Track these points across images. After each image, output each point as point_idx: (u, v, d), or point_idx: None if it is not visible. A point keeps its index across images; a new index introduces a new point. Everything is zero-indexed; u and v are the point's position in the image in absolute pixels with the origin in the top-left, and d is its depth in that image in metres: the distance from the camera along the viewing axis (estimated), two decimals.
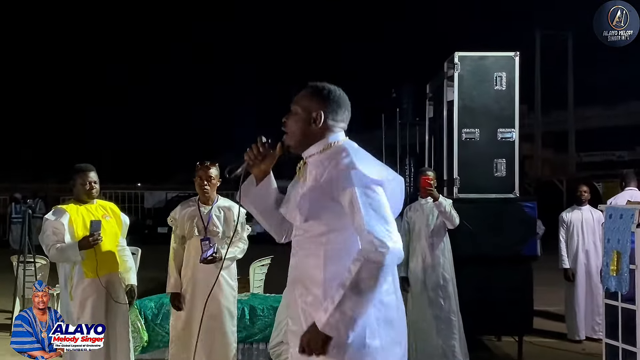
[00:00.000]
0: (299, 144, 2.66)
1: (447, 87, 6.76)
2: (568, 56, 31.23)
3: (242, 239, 5.01)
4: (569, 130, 32.85)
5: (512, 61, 6.42)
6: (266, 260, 7.16)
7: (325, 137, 2.63)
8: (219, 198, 5.02)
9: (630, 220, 5.07)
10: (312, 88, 2.69)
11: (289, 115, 2.67)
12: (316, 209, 2.52)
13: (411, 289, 5.90)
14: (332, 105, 2.64)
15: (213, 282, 4.25)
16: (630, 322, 5.03)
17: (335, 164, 2.51)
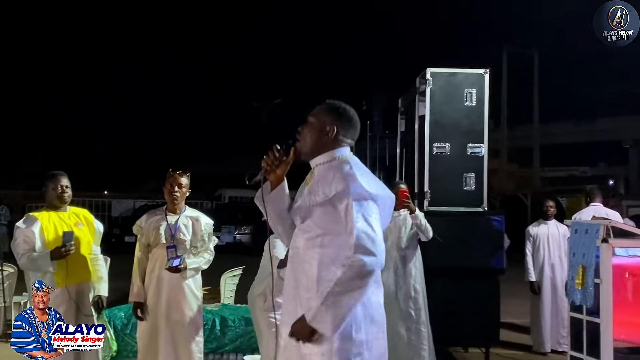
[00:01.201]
0: (309, 151, 2.92)
1: (419, 102, 6.87)
2: (534, 73, 31.83)
3: (208, 250, 4.99)
4: (533, 145, 33.39)
5: (482, 78, 6.56)
6: (237, 270, 7.16)
7: (333, 150, 2.90)
8: (186, 208, 5.01)
9: (595, 235, 5.21)
10: (329, 104, 2.97)
11: (305, 125, 2.94)
12: (313, 211, 2.78)
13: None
14: (344, 122, 2.93)
15: (177, 291, 4.25)
16: (595, 335, 5.16)
17: (337, 174, 2.78)
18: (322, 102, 3.00)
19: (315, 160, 2.92)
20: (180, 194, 4.91)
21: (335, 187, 2.72)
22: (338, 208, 2.72)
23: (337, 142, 2.90)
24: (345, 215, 2.70)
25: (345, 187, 2.71)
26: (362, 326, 2.73)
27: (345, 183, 2.72)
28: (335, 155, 2.89)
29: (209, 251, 4.99)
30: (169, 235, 4.85)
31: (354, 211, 2.67)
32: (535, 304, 7.23)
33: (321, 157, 2.90)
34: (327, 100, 3.00)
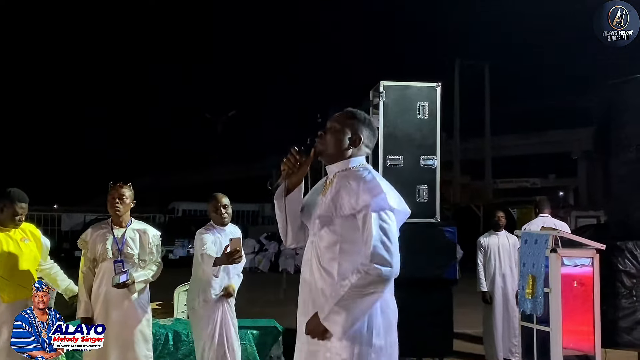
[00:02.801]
0: (330, 156, 2.95)
1: (373, 115, 6.90)
2: (485, 86, 32.45)
3: (156, 262, 4.93)
4: (485, 158, 33.98)
5: (434, 91, 6.63)
6: None
7: (353, 157, 2.94)
8: (132, 220, 4.92)
9: (544, 246, 5.32)
10: (352, 112, 3.01)
11: (328, 130, 2.96)
12: (333, 218, 2.82)
13: None
14: (369, 132, 2.99)
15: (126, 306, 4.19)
16: (545, 344, 5.26)
17: (362, 184, 2.79)
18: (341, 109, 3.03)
19: (335, 166, 2.95)
20: (123, 206, 4.81)
21: (363, 199, 2.75)
22: (357, 216, 2.76)
23: (359, 151, 2.95)
24: (363, 224, 2.74)
25: (367, 197, 2.75)
26: (382, 332, 2.79)
27: (371, 194, 2.76)
28: (356, 163, 2.93)
29: (157, 263, 4.93)
30: (116, 249, 4.75)
31: (372, 220, 2.72)
32: (487, 314, 7.32)
33: (341, 164, 2.93)
34: (347, 108, 3.04)
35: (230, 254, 4.71)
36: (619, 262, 5.44)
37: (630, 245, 5.39)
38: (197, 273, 5.19)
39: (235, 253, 4.69)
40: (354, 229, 2.78)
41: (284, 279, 15.18)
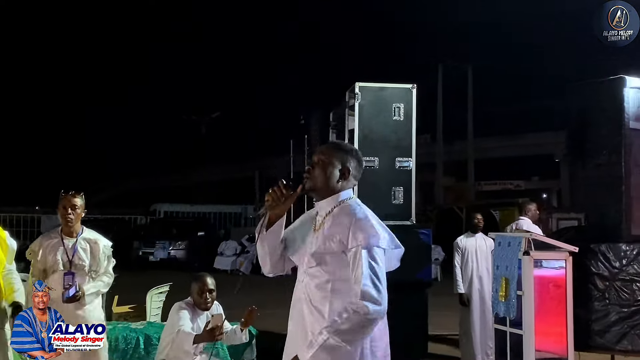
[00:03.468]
0: (321, 191, 2.90)
1: (349, 116, 6.87)
2: (468, 88, 32.58)
3: (108, 273, 4.83)
4: (468, 159, 34.09)
5: (410, 93, 6.60)
6: (164, 287, 6.99)
7: (343, 191, 2.91)
8: (83, 229, 4.83)
9: (517, 248, 5.30)
10: (339, 144, 3.03)
11: (317, 164, 2.91)
12: (325, 256, 2.79)
13: None
14: (356, 163, 2.95)
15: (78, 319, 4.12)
16: (519, 346, 5.24)
17: (351, 220, 2.78)
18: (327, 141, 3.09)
19: (326, 202, 2.90)
20: (74, 215, 4.71)
21: (355, 237, 2.74)
22: (347, 254, 2.75)
23: (348, 182, 2.93)
24: (353, 261, 2.73)
25: (359, 234, 2.74)
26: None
27: (363, 233, 2.74)
28: (345, 196, 2.91)
29: (109, 274, 4.83)
30: (67, 260, 4.66)
31: (363, 260, 2.70)
32: (464, 316, 7.30)
33: (332, 200, 2.89)
34: (335, 140, 3.06)
35: (212, 331, 4.41)
36: (592, 264, 5.43)
37: (603, 248, 5.39)
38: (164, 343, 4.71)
39: (217, 329, 4.40)
40: (345, 266, 2.77)
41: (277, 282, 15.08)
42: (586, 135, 5.64)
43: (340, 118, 7.54)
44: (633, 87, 5.46)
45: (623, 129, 5.34)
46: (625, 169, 5.34)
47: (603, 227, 5.51)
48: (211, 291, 4.74)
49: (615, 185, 5.37)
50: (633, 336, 5.26)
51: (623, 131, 5.34)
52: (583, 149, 5.70)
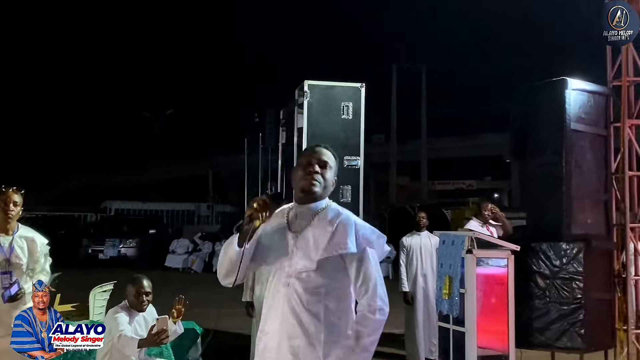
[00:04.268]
0: (320, 196, 2.84)
1: (298, 114, 6.85)
2: (422, 89, 32.90)
3: (44, 271, 4.73)
4: (421, 159, 34.45)
5: (359, 92, 6.61)
6: (108, 285, 6.84)
7: (326, 199, 2.88)
8: (19, 227, 4.71)
9: (461, 247, 5.37)
10: (333, 152, 2.93)
11: (327, 166, 2.85)
12: (327, 262, 2.73)
13: (256, 313, 5.88)
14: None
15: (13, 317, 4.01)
16: (461, 344, 5.30)
17: (350, 225, 2.77)
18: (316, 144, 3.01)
19: (310, 206, 2.84)
20: (15, 212, 4.60)
21: (361, 242, 2.75)
22: (349, 258, 2.74)
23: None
24: (358, 264, 2.74)
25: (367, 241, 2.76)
26: None
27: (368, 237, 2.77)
28: (324, 204, 2.86)
29: (45, 272, 4.74)
30: (4, 258, 4.55)
31: (372, 265, 2.75)
32: (409, 314, 7.35)
33: (315, 206, 2.84)
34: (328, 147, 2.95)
35: (157, 334, 4.27)
36: (534, 263, 5.51)
37: (544, 247, 5.47)
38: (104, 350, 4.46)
39: (162, 333, 4.26)
40: (341, 271, 2.75)
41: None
42: (529, 136, 5.73)
43: (289, 116, 7.52)
44: (575, 89, 5.56)
45: (564, 130, 5.43)
46: (566, 170, 5.43)
47: (544, 226, 5.60)
48: (147, 293, 4.66)
49: (556, 186, 5.46)
50: (572, 333, 5.35)
51: (564, 132, 5.43)
52: (526, 150, 5.78)
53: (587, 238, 5.44)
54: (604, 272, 5.69)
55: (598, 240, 5.58)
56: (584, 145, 5.63)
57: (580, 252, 5.36)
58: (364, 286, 2.72)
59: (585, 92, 5.66)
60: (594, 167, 5.72)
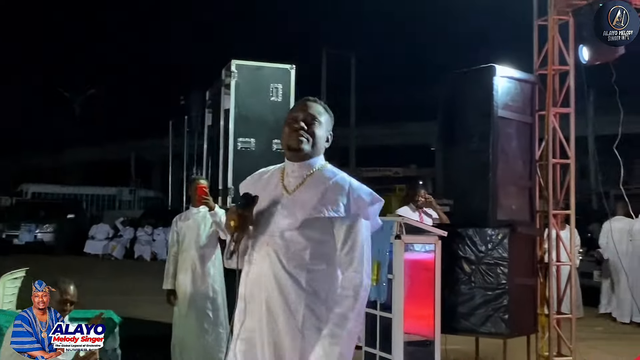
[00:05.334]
0: (308, 154, 2.64)
1: (224, 95, 6.65)
2: (351, 76, 32.99)
3: None
4: (349, 146, 34.63)
5: (289, 73, 6.47)
6: (19, 272, 6.46)
7: (321, 156, 2.69)
8: None
9: (389, 232, 5.32)
10: (327, 107, 2.73)
11: (315, 122, 2.65)
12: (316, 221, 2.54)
13: (178, 302, 5.70)
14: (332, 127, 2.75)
15: None
16: (388, 330, 5.26)
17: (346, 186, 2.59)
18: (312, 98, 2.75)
19: (302, 165, 2.65)
20: None
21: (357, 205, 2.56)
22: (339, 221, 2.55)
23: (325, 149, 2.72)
24: (349, 230, 2.55)
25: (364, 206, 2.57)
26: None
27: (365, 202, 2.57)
28: (322, 161, 2.68)
29: None
30: None
31: (362, 229, 2.57)
32: None
33: (308, 163, 2.65)
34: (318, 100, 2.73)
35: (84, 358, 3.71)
36: (460, 248, 5.53)
37: (470, 232, 5.50)
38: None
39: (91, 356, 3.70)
40: (329, 234, 2.56)
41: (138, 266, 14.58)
42: (456, 122, 5.73)
43: (215, 97, 7.30)
44: (503, 76, 5.59)
45: (491, 117, 5.46)
46: (492, 156, 5.46)
47: (471, 212, 5.63)
48: (72, 303, 4.21)
49: (482, 172, 5.49)
50: (496, 319, 5.40)
51: (491, 119, 5.46)
52: (453, 136, 5.79)
53: (512, 224, 5.50)
54: (528, 257, 5.77)
55: (522, 226, 5.66)
56: (510, 132, 5.68)
57: (505, 237, 5.40)
58: (349, 256, 2.54)
59: (512, 79, 5.70)
60: (519, 154, 5.79)
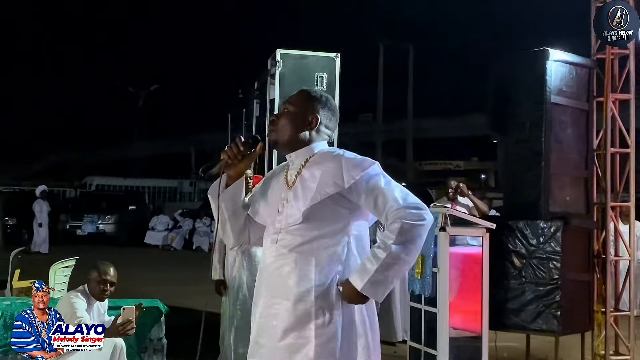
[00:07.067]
0: (286, 144, 2.62)
1: (270, 85, 6.60)
2: (409, 68, 32.61)
3: None
4: (407, 139, 34.32)
5: (333, 62, 6.34)
6: (69, 261, 6.58)
7: (313, 143, 2.62)
8: None
9: (434, 224, 5.14)
10: (308, 92, 2.70)
11: (282, 113, 2.65)
12: (318, 209, 2.49)
13: (228, 291, 5.60)
14: (327, 111, 2.66)
15: None
16: (433, 326, 5.10)
17: (340, 161, 2.50)
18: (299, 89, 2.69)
19: (298, 154, 2.61)
20: None
21: (354, 173, 2.46)
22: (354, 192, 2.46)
23: (318, 135, 2.63)
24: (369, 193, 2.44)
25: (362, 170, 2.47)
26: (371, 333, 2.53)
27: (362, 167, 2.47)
28: (319, 148, 2.62)
29: None
30: None
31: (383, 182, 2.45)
32: None
33: (304, 152, 2.61)
34: (303, 88, 2.72)
35: (122, 325, 3.97)
36: (510, 242, 5.30)
37: (521, 225, 5.25)
38: None
39: (128, 324, 3.97)
40: (337, 218, 2.49)
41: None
42: (507, 110, 5.49)
43: (262, 88, 7.24)
44: (556, 60, 5.32)
45: (544, 103, 5.20)
46: (545, 145, 5.20)
47: (522, 203, 5.39)
48: (112, 283, 4.35)
49: (534, 162, 5.23)
50: (548, 315, 5.16)
51: (544, 105, 5.20)
52: (505, 125, 5.54)
53: (565, 216, 5.22)
54: (583, 252, 5.47)
55: (577, 218, 5.37)
56: (564, 119, 5.39)
57: (558, 230, 5.13)
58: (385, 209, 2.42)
59: (567, 63, 5.41)
60: (574, 142, 5.49)
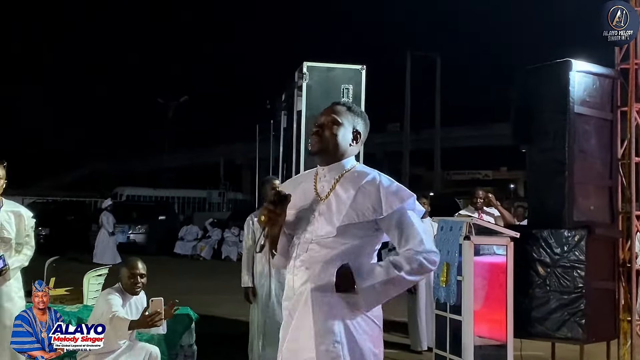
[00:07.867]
0: (327, 154, 2.70)
1: (297, 97, 6.72)
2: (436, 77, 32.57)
3: (29, 245, 4.67)
4: (435, 148, 34.22)
5: (359, 74, 6.45)
6: (103, 270, 6.76)
7: (350, 157, 2.73)
8: (4, 201, 4.63)
9: (458, 233, 5.21)
10: (349, 105, 2.78)
11: (327, 125, 2.69)
12: (352, 227, 2.60)
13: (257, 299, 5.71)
14: (365, 128, 2.77)
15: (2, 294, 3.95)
16: (458, 333, 5.16)
17: (379, 187, 2.62)
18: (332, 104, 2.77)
19: (332, 168, 2.70)
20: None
21: (392, 203, 2.59)
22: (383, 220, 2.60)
23: (356, 148, 2.75)
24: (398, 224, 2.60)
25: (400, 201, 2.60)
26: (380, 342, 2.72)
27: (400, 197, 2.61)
28: (352, 162, 2.73)
29: (31, 247, 4.68)
30: None
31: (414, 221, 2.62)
32: (412, 303, 7.22)
33: (338, 166, 2.70)
34: (342, 100, 2.84)
35: (150, 316, 4.12)
36: (534, 250, 5.34)
37: (545, 234, 5.29)
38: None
39: (156, 315, 4.12)
40: (365, 236, 2.62)
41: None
42: (531, 119, 5.54)
43: (289, 99, 7.38)
44: (579, 71, 5.36)
45: (568, 113, 5.25)
46: (568, 154, 5.25)
47: (546, 212, 5.43)
48: (142, 275, 4.55)
49: (558, 171, 5.28)
50: (573, 324, 5.18)
51: (567, 115, 5.25)
52: (528, 135, 5.60)
53: (589, 225, 5.25)
54: (607, 260, 5.49)
55: (601, 227, 5.39)
56: (588, 129, 5.43)
57: (582, 239, 5.17)
58: (408, 244, 2.58)
59: (590, 74, 5.45)
60: (598, 152, 5.52)
